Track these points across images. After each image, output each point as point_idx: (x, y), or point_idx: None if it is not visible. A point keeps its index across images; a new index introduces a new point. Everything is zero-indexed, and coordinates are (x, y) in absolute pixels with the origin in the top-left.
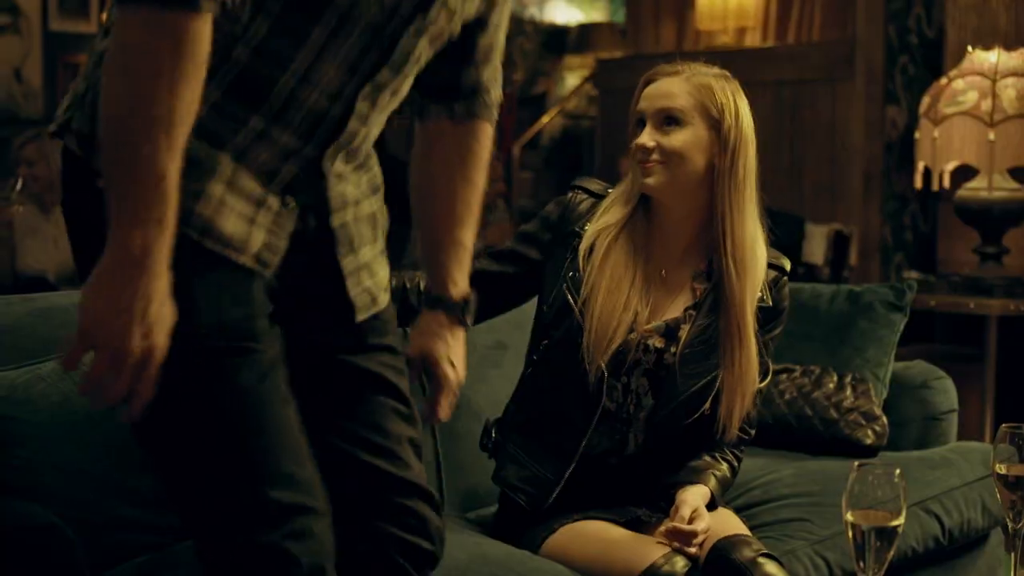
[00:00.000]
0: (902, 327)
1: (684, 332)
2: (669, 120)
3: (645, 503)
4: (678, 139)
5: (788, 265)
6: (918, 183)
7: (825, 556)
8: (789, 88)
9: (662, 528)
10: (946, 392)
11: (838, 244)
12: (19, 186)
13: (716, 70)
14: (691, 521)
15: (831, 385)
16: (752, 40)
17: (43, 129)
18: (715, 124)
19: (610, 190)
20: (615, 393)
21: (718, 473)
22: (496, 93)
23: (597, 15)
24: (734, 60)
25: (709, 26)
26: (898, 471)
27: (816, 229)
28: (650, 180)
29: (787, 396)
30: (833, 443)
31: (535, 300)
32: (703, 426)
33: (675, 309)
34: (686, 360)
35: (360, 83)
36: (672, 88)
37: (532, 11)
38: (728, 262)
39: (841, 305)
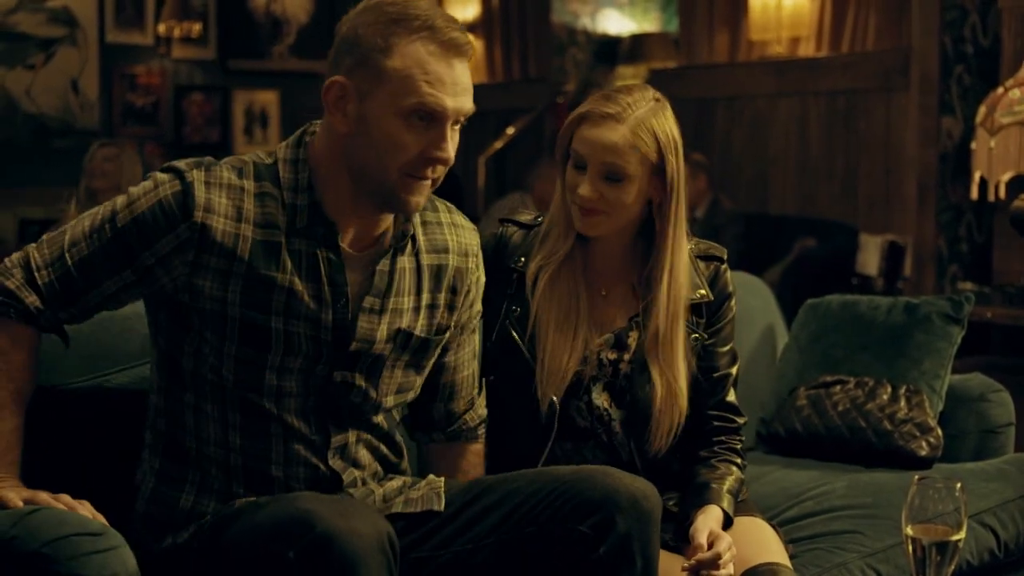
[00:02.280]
0: (959, 339)
1: (633, 340)
2: (613, 174)
3: (670, 523)
4: (623, 193)
5: (724, 253)
6: (974, 193)
7: (878, 569)
8: (843, 98)
9: (684, 567)
10: (1004, 405)
11: (892, 255)
12: (73, 203)
13: (650, 96)
14: (711, 546)
15: (885, 397)
16: (806, 50)
17: (120, 140)
18: (657, 169)
19: (541, 218)
20: (582, 412)
21: (725, 485)
22: (474, 415)
23: (650, 25)
24: (787, 70)
25: (762, 36)
26: (959, 485)
27: (870, 240)
28: (591, 230)
29: (840, 408)
30: (887, 455)
31: None
32: (690, 426)
33: (621, 320)
34: (641, 367)
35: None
36: (614, 139)
37: (585, 21)
38: (664, 295)
39: (898, 317)
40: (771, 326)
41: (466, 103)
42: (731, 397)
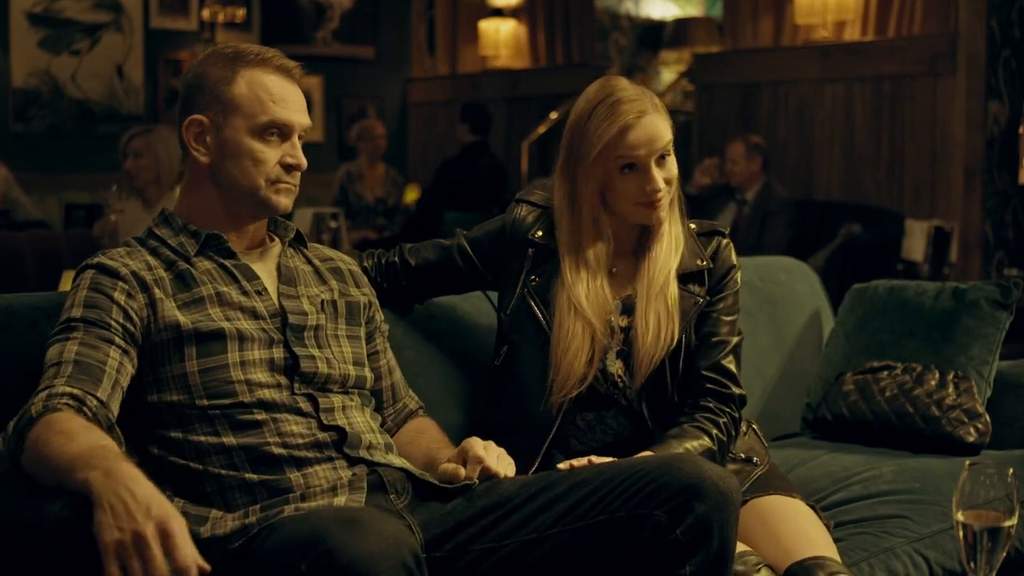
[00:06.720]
0: (1007, 325)
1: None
2: (665, 153)
3: None
4: (672, 166)
5: (727, 229)
6: (1021, 179)
7: (925, 555)
8: (889, 82)
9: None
10: None
11: (938, 241)
12: (114, 188)
13: (637, 79)
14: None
15: (933, 383)
16: (851, 34)
17: (150, 125)
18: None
19: (552, 202)
20: (598, 379)
21: (682, 445)
22: (412, 399)
23: (693, 10)
24: (833, 54)
25: (807, 20)
26: (1010, 471)
27: (916, 225)
28: (663, 213)
29: (887, 393)
30: (935, 440)
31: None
32: (686, 386)
33: (627, 287)
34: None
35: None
36: (659, 125)
37: (628, 6)
38: (658, 253)
39: (946, 302)
40: (817, 311)
41: (305, 118)
42: (728, 363)
